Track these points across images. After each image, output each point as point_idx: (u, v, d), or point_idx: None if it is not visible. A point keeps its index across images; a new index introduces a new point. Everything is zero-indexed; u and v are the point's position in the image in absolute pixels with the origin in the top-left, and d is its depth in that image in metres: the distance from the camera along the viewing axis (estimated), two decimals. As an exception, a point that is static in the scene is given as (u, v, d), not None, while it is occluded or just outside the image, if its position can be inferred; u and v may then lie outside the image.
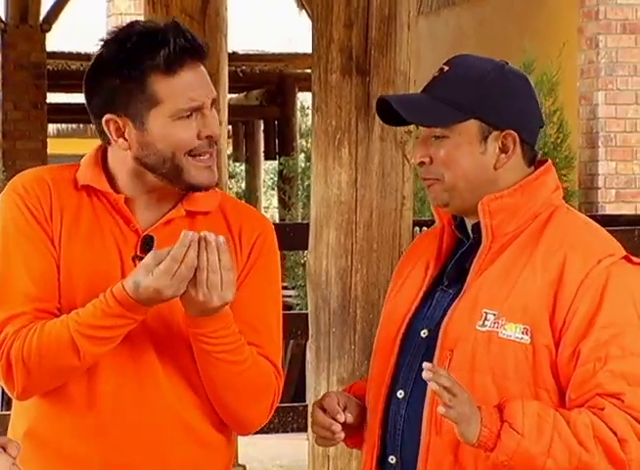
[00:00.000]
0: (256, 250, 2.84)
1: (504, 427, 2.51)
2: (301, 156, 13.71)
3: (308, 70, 16.12)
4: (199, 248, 2.58)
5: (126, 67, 2.70)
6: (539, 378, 2.61)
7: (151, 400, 2.74)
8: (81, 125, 18.65)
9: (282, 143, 16.35)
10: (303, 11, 14.33)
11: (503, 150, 2.68)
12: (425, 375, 2.53)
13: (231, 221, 2.84)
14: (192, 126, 2.72)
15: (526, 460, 2.52)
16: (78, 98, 14.90)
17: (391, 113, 2.73)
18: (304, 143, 14.30)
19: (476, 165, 2.71)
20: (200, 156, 2.75)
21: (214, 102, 2.78)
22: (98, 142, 3.16)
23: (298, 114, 15.98)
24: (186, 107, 2.70)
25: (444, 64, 2.74)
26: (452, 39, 11.24)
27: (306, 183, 12.37)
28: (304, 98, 16.27)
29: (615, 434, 2.55)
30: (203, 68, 2.74)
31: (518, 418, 2.51)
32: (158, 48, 2.65)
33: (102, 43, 2.80)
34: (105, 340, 2.67)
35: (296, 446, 6.01)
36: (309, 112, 14.70)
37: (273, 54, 16.15)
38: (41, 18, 12.92)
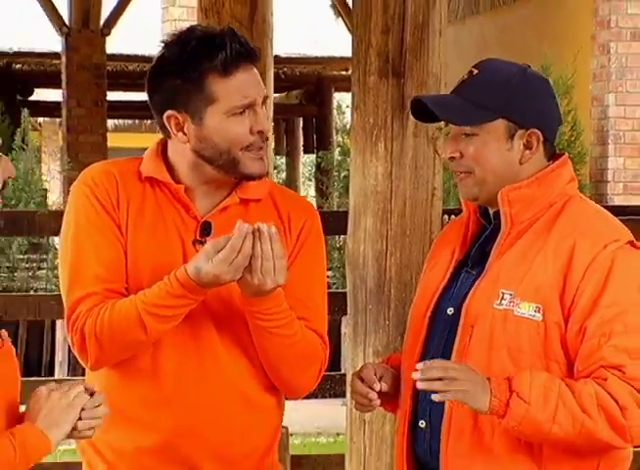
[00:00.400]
0: (304, 234, 2.99)
1: (512, 396, 2.66)
2: (337, 150, 14.11)
3: (344, 73, 16.82)
4: (253, 238, 2.72)
5: (186, 68, 2.83)
6: (550, 352, 2.75)
7: (211, 374, 2.88)
8: (137, 121, 19.34)
9: (319, 138, 16.93)
10: (340, 19, 14.51)
11: (527, 146, 2.82)
12: (413, 376, 2.69)
13: (280, 208, 2.99)
14: (245, 122, 2.86)
15: (534, 426, 2.67)
16: (135, 96, 15.50)
17: (424, 111, 2.88)
18: (340, 139, 14.67)
19: (503, 161, 2.84)
20: (252, 149, 2.90)
21: (265, 100, 2.91)
22: (152, 136, 3.27)
23: (335, 112, 16.41)
24: (239, 104, 2.84)
25: (473, 67, 2.87)
26: (476, 46, 11.54)
27: (342, 174, 12.67)
28: (340, 98, 16.64)
29: (616, 402, 2.69)
30: (255, 69, 2.87)
31: (525, 388, 2.66)
32: (215, 51, 2.80)
33: (163, 46, 2.96)
34: (168, 318, 2.82)
35: (332, 410, 6.09)
36: (345, 110, 15.30)
37: (312, 57, 16.86)
38: (101, 23, 13.41)
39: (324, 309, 3.02)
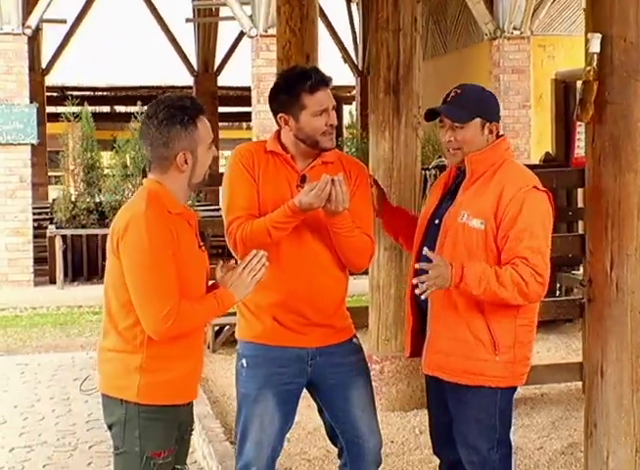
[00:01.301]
0: (358, 180, 3.73)
1: (462, 281, 3.40)
2: (346, 137, 17.40)
3: (348, 94, 19.78)
4: (332, 183, 3.40)
5: (290, 89, 3.61)
6: (488, 247, 3.53)
7: (308, 259, 3.64)
8: (236, 124, 27.19)
9: (336, 131, 19.45)
10: (346, 64, 20.35)
11: (490, 132, 3.64)
12: (414, 281, 3.41)
13: (345, 166, 3.72)
14: (322, 119, 3.61)
15: (472, 296, 3.44)
16: (234, 109, 23.34)
17: (429, 115, 3.65)
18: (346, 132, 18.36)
19: (478, 142, 3.60)
20: (326, 134, 3.62)
21: (333, 107, 3.65)
22: (245, 132, 4.36)
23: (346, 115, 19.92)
24: (319, 110, 3.60)
25: (456, 88, 3.67)
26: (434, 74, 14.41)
27: (352, 151, 15.30)
28: (347, 108, 21.44)
29: (522, 279, 3.44)
30: (328, 90, 3.66)
31: (469, 276, 3.39)
32: (306, 79, 3.60)
33: (278, 76, 3.85)
34: (283, 229, 3.53)
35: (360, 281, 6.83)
36: (353, 113, 19.49)
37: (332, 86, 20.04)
38: (215, 67, 21.77)
39: (371, 221, 3.75)
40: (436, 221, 3.62)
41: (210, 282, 3.36)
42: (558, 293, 8.75)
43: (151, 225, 3.15)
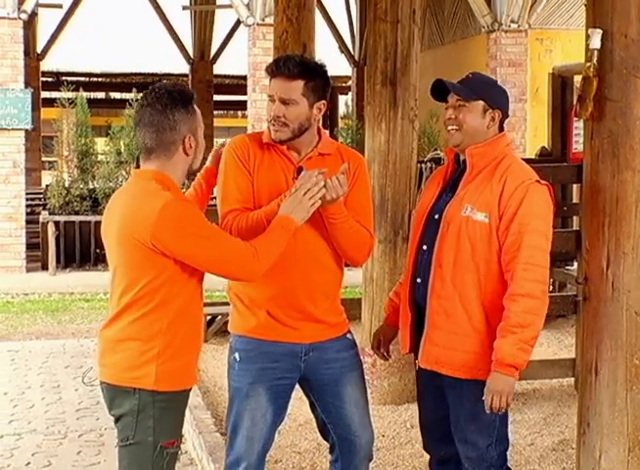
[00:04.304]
0: (357, 172, 3.69)
1: (513, 367, 3.42)
2: (341, 127, 17.72)
3: (343, 84, 19.62)
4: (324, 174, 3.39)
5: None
6: (492, 240, 3.50)
7: (303, 252, 3.60)
8: (231, 112, 27.72)
9: (331, 120, 19.82)
10: (342, 54, 20.29)
11: (492, 119, 3.61)
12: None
13: (344, 157, 3.70)
14: (269, 108, 3.65)
15: (526, 361, 3.44)
16: (230, 97, 23.53)
17: (438, 93, 3.66)
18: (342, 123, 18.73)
19: (477, 124, 3.59)
20: (271, 123, 3.62)
21: (285, 100, 3.60)
22: (240, 121, 4.37)
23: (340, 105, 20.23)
24: (269, 97, 3.65)
25: (470, 73, 3.73)
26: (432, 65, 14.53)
27: (347, 141, 15.32)
28: (343, 99, 22.04)
29: (528, 296, 3.42)
30: (286, 79, 3.58)
31: (511, 358, 3.39)
32: (270, 65, 3.65)
33: (273, 60, 3.69)
34: None
35: (355, 273, 6.65)
36: (349, 104, 19.58)
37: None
38: (211, 55, 21.75)
39: (370, 215, 3.73)
40: (436, 216, 3.62)
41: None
42: (551, 288, 8.77)
43: (181, 201, 3.28)
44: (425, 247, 3.61)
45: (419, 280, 3.64)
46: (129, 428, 3.28)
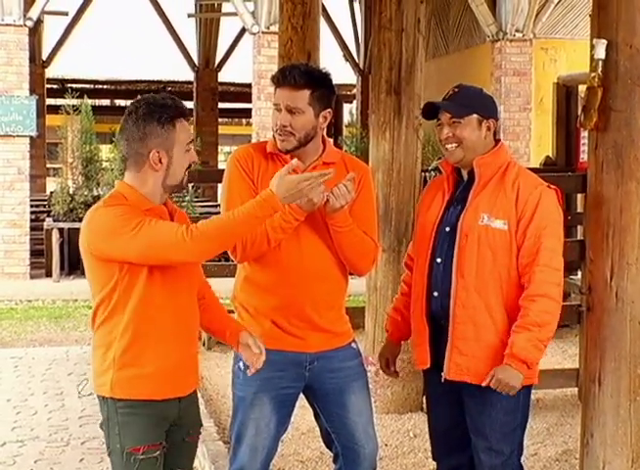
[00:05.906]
0: (362, 181, 3.69)
1: (526, 365, 3.43)
2: (345, 135, 17.86)
3: (348, 93, 19.59)
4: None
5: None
6: (512, 246, 3.51)
7: (308, 262, 3.60)
8: (236, 120, 27.80)
9: (336, 128, 19.83)
10: (347, 63, 20.47)
11: (487, 129, 3.61)
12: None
13: (348, 166, 3.68)
14: (274, 117, 3.63)
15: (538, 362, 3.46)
16: (234, 105, 23.78)
17: (428, 112, 3.65)
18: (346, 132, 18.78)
19: (475, 137, 3.58)
20: (277, 133, 3.60)
21: (291, 109, 3.60)
22: (245, 129, 5.39)
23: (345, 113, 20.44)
24: (274, 105, 3.65)
25: (455, 87, 3.68)
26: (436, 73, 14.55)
27: (351, 149, 15.38)
28: (347, 107, 22.68)
29: (545, 297, 3.42)
30: (292, 89, 3.57)
31: (524, 355, 3.40)
32: (276, 74, 3.64)
33: (279, 70, 3.69)
34: (284, 230, 3.53)
35: (359, 282, 6.34)
36: (353, 113, 19.56)
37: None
38: (216, 63, 21.91)
39: (375, 224, 3.75)
40: (447, 229, 3.61)
41: None
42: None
43: (109, 207, 3.27)
44: (439, 259, 3.60)
45: (436, 293, 3.63)
46: (106, 436, 3.30)
